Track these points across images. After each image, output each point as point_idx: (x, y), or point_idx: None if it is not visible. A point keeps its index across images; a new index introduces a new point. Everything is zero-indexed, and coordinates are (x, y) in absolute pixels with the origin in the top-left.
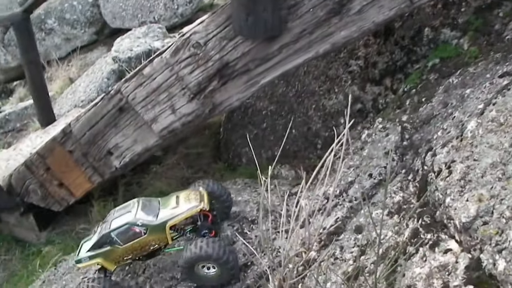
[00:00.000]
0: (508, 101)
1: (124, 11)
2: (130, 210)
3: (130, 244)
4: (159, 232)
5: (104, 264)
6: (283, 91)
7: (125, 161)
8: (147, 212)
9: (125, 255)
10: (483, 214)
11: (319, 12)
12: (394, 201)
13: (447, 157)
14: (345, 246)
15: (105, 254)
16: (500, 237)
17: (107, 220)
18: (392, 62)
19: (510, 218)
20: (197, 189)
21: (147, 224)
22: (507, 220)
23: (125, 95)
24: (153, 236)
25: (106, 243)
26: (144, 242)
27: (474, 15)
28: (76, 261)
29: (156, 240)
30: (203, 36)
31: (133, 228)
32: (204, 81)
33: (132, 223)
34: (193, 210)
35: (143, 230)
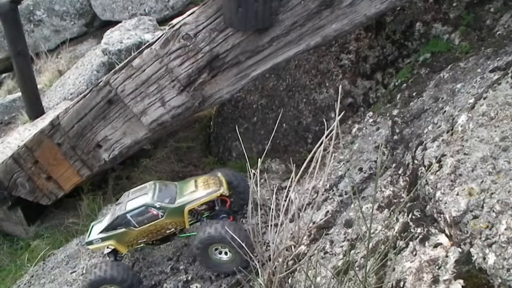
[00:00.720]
0: (499, 95)
1: (114, 3)
2: (147, 192)
3: (145, 226)
4: (177, 215)
5: (117, 246)
6: (274, 84)
7: (114, 154)
8: (165, 195)
9: (140, 238)
10: (473, 208)
11: (310, 5)
12: (385, 195)
13: (438, 151)
14: (335, 240)
15: (118, 236)
16: (490, 231)
17: (122, 202)
18: (383, 57)
19: (500, 212)
20: (215, 174)
21: (165, 207)
22: (497, 214)
23: (114, 87)
24: (170, 219)
25: (121, 225)
26: (161, 226)
27: (465, 10)
28: (86, 243)
29: (173, 224)
30: (193, 28)
31: (151, 210)
32: (194, 73)
33: (150, 205)
34: (213, 194)
35: (161, 213)
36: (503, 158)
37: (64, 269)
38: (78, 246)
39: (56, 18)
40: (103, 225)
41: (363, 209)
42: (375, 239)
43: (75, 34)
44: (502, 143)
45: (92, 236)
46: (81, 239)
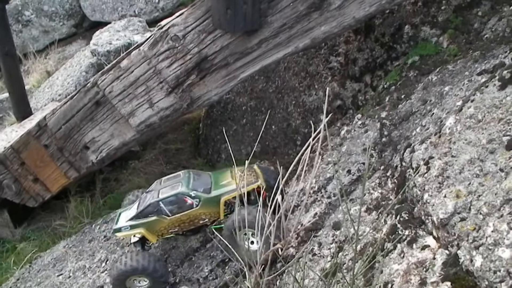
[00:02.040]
0: (486, 98)
1: (104, 4)
2: (181, 180)
3: (178, 216)
4: (212, 205)
5: (146, 235)
6: (263, 87)
7: (102, 155)
8: (199, 184)
9: (171, 227)
10: (461, 210)
11: (299, 7)
12: (373, 197)
13: (425, 153)
14: (323, 242)
15: (149, 225)
16: (477, 233)
17: (153, 189)
18: (372, 59)
19: (487, 214)
20: (251, 167)
21: (200, 196)
22: (484, 216)
23: (102, 88)
24: (204, 209)
25: (152, 213)
26: (194, 215)
27: (454, 14)
28: (114, 230)
29: (207, 214)
30: (181, 29)
31: (185, 198)
32: (183, 75)
33: (185, 193)
34: (250, 186)
35: (195, 202)
36: (490, 161)
37: (51, 272)
38: (65, 249)
39: (45, 19)
40: (132, 213)
41: (351, 211)
42: (363, 241)
43: (64, 35)
44: (489, 145)
45: (120, 223)
46: (69, 242)
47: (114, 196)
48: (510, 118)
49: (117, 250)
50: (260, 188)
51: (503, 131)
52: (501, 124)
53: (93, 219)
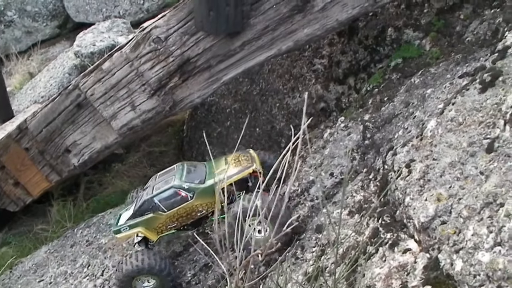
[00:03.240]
0: (467, 101)
1: (88, 4)
2: (174, 174)
3: (175, 210)
4: (208, 196)
5: (146, 233)
6: (247, 89)
7: (84, 159)
8: (194, 176)
9: (169, 223)
10: (442, 213)
11: (282, 9)
12: (355, 200)
13: (407, 156)
14: (306, 246)
15: (147, 222)
16: (457, 237)
17: (149, 186)
18: (356, 62)
19: (468, 217)
20: (247, 151)
21: (194, 188)
22: (465, 220)
23: (84, 91)
24: (200, 201)
25: (148, 210)
26: (191, 208)
27: (436, 17)
28: (114, 232)
29: (204, 206)
30: (164, 31)
31: (179, 192)
32: (165, 77)
33: (178, 186)
34: (245, 171)
35: (190, 195)
36: (470, 164)
37: (32, 278)
38: (46, 254)
39: (28, 19)
40: (130, 212)
41: (334, 214)
42: (345, 244)
43: (48, 36)
44: (470, 148)
45: (120, 223)
46: (50, 246)
47: (97, 199)
48: (490, 121)
49: (99, 255)
50: (256, 172)
51: (483, 134)
52: (482, 127)
53: (75, 223)
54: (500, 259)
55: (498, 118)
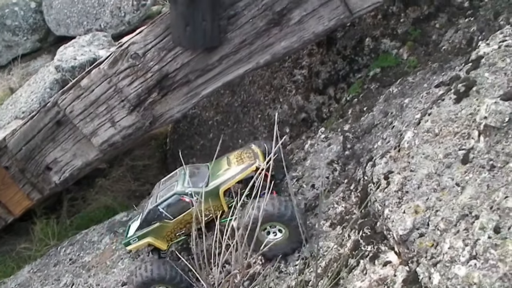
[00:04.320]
0: (442, 111)
1: (68, 18)
2: (177, 179)
3: (181, 217)
4: (212, 199)
5: (155, 243)
6: (229, 101)
7: (65, 176)
8: (197, 179)
9: (177, 230)
10: (419, 226)
11: (259, 23)
12: (337, 211)
13: (386, 168)
14: (289, 259)
15: (155, 232)
16: (435, 250)
17: (153, 194)
18: (335, 72)
19: (444, 230)
20: (249, 147)
21: (197, 191)
22: (442, 232)
23: (63, 108)
24: (206, 204)
25: (155, 219)
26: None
27: (412, 26)
28: (124, 244)
29: (211, 209)
30: (141, 47)
31: (183, 198)
32: (144, 93)
33: (181, 192)
34: (247, 169)
35: (194, 200)
36: (447, 175)
37: None
38: (29, 273)
39: (8, 33)
40: (138, 222)
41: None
42: (328, 257)
43: (28, 50)
44: (446, 159)
45: (129, 235)
46: (33, 266)
47: (81, 215)
48: (465, 132)
49: (82, 274)
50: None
51: (458, 145)
52: (457, 138)
53: (59, 241)
54: (476, 273)
55: (473, 129)
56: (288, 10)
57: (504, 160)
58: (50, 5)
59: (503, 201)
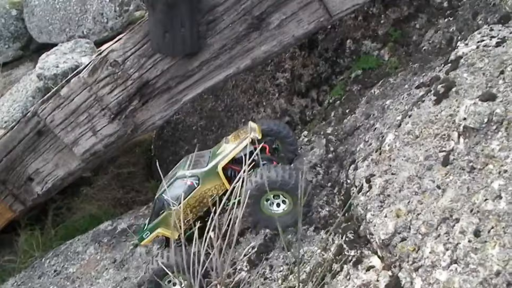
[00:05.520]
0: (422, 113)
1: (51, 25)
2: (180, 167)
3: (186, 202)
4: (213, 178)
5: (166, 233)
6: (213, 105)
7: (48, 186)
8: (197, 163)
9: (185, 216)
10: (401, 230)
11: (238, 28)
12: (321, 215)
13: (367, 171)
14: (275, 265)
15: (163, 221)
16: (416, 254)
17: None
18: (317, 74)
19: (426, 234)
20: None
21: (196, 173)
22: (423, 236)
23: (43, 118)
24: (207, 185)
25: (162, 208)
26: (200, 195)
27: (393, 27)
28: (138, 240)
29: (213, 189)
30: (121, 54)
31: (184, 181)
32: (125, 101)
33: (181, 176)
34: (243, 142)
35: (195, 181)
36: (428, 178)
37: None
38: (14, 287)
39: None
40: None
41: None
42: (312, 262)
43: (10, 58)
44: (427, 162)
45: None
46: (17, 278)
47: (66, 225)
48: (445, 134)
49: (67, 286)
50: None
51: (439, 147)
52: (437, 140)
53: (44, 252)
54: (456, 277)
55: (453, 130)
56: (267, 14)
57: (483, 162)
58: (32, 12)
59: (482, 204)
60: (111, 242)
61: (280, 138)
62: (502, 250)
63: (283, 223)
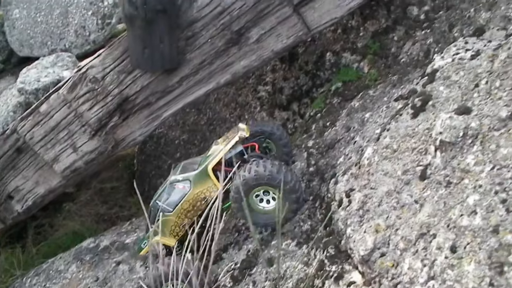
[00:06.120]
0: (400, 126)
1: (32, 38)
2: (172, 174)
3: (179, 206)
4: (204, 180)
5: (163, 240)
6: (195, 119)
7: (28, 204)
8: (190, 168)
9: (180, 222)
10: (380, 245)
11: (217, 43)
12: (303, 230)
13: (347, 185)
14: (258, 281)
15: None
16: (395, 270)
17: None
18: (298, 87)
19: (404, 249)
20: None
21: (187, 176)
22: (401, 252)
23: (22, 135)
24: (199, 187)
25: (158, 215)
26: (193, 199)
27: (371, 39)
28: (137, 250)
29: (205, 191)
30: (100, 71)
31: (176, 185)
32: (105, 117)
33: (173, 180)
34: (231, 141)
35: (187, 185)
36: (406, 192)
37: None
38: None
39: None
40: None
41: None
42: (295, 277)
43: None
44: (404, 176)
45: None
46: None
47: (48, 243)
48: (422, 148)
49: None
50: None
51: (416, 161)
52: (415, 154)
53: (25, 270)
54: None
55: (429, 144)
56: (246, 29)
57: (459, 176)
58: (13, 25)
59: (458, 219)
60: (94, 260)
61: (273, 139)
62: (478, 266)
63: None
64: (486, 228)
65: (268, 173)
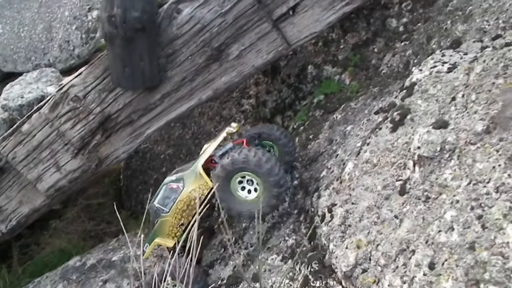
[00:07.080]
0: (380, 141)
1: (16, 53)
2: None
3: (175, 206)
4: (196, 178)
5: (163, 242)
6: (180, 133)
7: (12, 224)
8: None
9: (177, 222)
10: (362, 261)
11: (198, 59)
12: (288, 244)
13: (329, 200)
14: None
15: (159, 231)
16: (377, 286)
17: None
18: (281, 100)
19: (385, 265)
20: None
21: (181, 176)
22: (382, 268)
23: (4, 155)
24: (192, 185)
25: (155, 218)
26: (187, 198)
27: (352, 52)
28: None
29: (197, 189)
30: (81, 89)
31: (171, 186)
32: (87, 136)
33: (168, 181)
34: (220, 136)
35: (180, 184)
36: (386, 207)
37: None
38: None
39: None
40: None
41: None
42: None
43: None
44: (384, 191)
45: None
46: None
47: (34, 262)
48: (401, 162)
49: None
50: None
51: (395, 175)
52: (394, 169)
53: None
54: None
55: (408, 159)
56: (226, 46)
57: (437, 191)
58: None
59: (436, 235)
60: (80, 279)
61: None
62: (455, 283)
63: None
64: (463, 245)
65: (243, 157)
